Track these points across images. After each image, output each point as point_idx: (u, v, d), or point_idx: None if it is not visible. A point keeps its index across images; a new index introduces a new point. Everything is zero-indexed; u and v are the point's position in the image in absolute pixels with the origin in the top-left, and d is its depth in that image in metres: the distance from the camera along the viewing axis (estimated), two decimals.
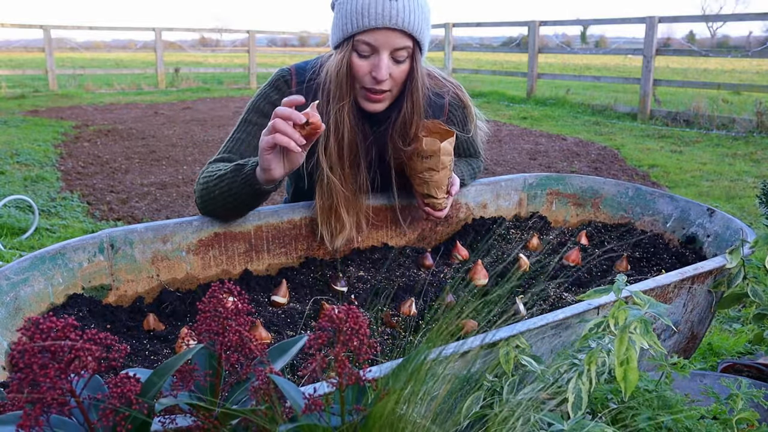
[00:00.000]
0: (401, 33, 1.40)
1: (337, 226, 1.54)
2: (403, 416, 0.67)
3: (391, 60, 1.43)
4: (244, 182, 1.36)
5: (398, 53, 1.43)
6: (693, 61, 26.28)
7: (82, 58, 22.45)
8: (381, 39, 1.40)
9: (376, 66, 1.42)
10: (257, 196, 1.39)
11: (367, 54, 1.42)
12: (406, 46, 1.43)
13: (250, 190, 1.36)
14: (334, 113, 1.47)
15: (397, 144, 1.55)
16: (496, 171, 5.51)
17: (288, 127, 1.23)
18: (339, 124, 1.47)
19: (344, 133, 1.48)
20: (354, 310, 0.67)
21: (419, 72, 1.49)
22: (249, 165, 1.36)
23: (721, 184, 5.05)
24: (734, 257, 1.37)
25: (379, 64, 1.41)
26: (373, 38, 1.40)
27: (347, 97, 1.46)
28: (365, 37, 1.40)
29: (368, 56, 1.43)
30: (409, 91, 1.49)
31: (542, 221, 1.94)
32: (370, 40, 1.40)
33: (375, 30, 1.39)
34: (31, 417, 0.56)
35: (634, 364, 0.92)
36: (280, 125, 1.23)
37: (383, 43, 1.40)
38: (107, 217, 4.07)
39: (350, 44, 1.42)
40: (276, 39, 23.61)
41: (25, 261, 1.21)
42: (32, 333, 0.56)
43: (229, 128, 7.65)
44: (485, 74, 14.10)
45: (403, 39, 1.41)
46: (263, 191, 1.37)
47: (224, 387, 0.71)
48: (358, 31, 1.40)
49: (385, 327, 1.29)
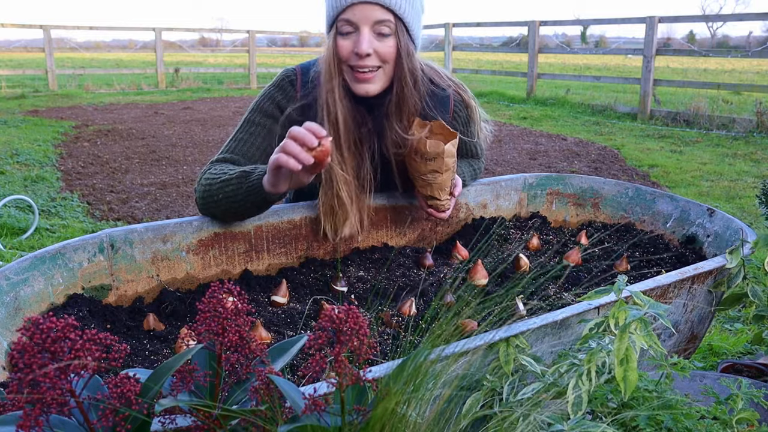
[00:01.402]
0: (379, 6, 1.42)
1: (340, 216, 1.54)
2: (403, 416, 0.67)
3: (373, 35, 1.44)
4: (249, 190, 1.37)
5: (379, 27, 1.44)
6: (693, 61, 26.29)
7: (82, 58, 22.47)
8: (359, 14, 1.42)
9: (357, 41, 1.44)
10: (261, 206, 1.42)
11: (349, 31, 1.44)
12: (386, 19, 1.44)
13: (255, 199, 1.38)
14: (324, 95, 1.48)
15: (394, 127, 1.54)
16: (496, 171, 5.51)
17: (296, 147, 1.24)
18: (330, 105, 1.48)
19: (337, 114, 1.48)
20: (354, 310, 0.67)
21: (407, 50, 1.48)
22: (255, 173, 1.37)
23: (721, 184, 5.05)
24: (734, 257, 1.37)
25: (359, 38, 1.43)
26: (351, 14, 1.42)
27: (336, 77, 1.47)
28: (345, 15, 1.43)
29: (350, 34, 1.45)
30: (399, 68, 1.49)
31: (542, 221, 1.94)
32: (349, 16, 1.42)
33: (353, 6, 1.42)
34: (31, 417, 0.56)
35: (634, 364, 0.92)
36: (290, 146, 1.24)
37: (361, 17, 1.42)
38: (107, 217, 4.07)
39: (334, 27, 1.45)
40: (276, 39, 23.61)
41: (25, 261, 1.21)
42: (32, 333, 0.56)
43: (229, 128, 7.67)
44: (485, 74, 14.10)
45: (382, 12, 1.43)
46: (268, 201, 1.40)
47: (224, 387, 0.71)
48: (338, 12, 1.43)
49: (385, 327, 1.29)
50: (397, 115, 1.54)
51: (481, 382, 1.01)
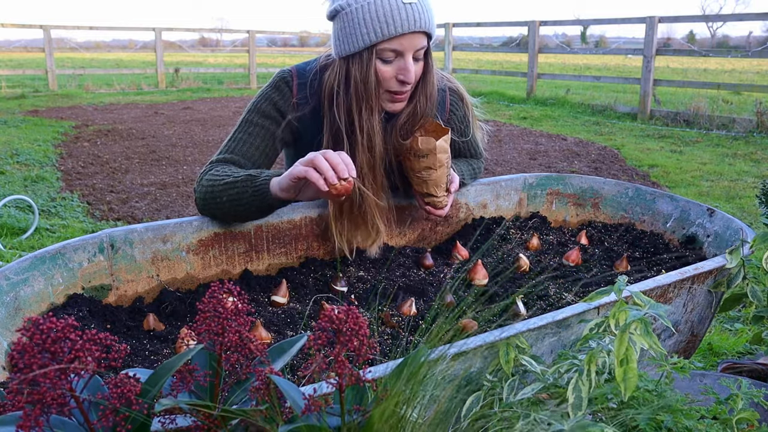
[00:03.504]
0: (421, 34, 1.43)
1: (372, 237, 1.56)
2: (403, 416, 0.67)
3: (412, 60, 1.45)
4: (255, 195, 1.37)
5: (418, 53, 1.45)
6: (693, 61, 26.29)
7: (82, 58, 22.47)
8: (406, 44, 1.41)
9: (404, 69, 1.43)
10: (265, 210, 1.42)
11: (392, 59, 1.44)
12: (425, 45, 1.45)
13: (261, 203, 1.38)
14: (365, 122, 1.46)
15: (397, 137, 1.55)
16: (496, 171, 5.51)
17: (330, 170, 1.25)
18: (371, 134, 1.47)
19: (375, 143, 1.48)
20: (354, 311, 0.67)
21: (433, 66, 1.52)
22: (262, 177, 1.37)
23: (721, 184, 5.05)
24: (734, 257, 1.37)
25: (407, 67, 1.43)
26: (399, 44, 1.41)
27: (374, 101, 1.46)
28: (391, 45, 1.41)
29: (392, 61, 1.44)
30: (423, 85, 1.51)
31: (542, 221, 1.94)
32: (396, 47, 1.41)
33: (401, 36, 1.40)
34: (31, 417, 0.56)
35: (634, 364, 0.92)
36: (322, 165, 1.25)
37: (408, 46, 1.42)
38: (107, 217, 4.07)
39: (373, 53, 1.42)
40: (276, 39, 23.60)
41: (25, 261, 1.21)
42: (32, 333, 0.56)
43: (229, 128, 7.66)
44: (485, 74, 14.10)
45: (423, 39, 1.44)
46: (274, 206, 1.40)
47: (224, 387, 0.71)
48: (383, 39, 1.40)
49: (385, 327, 1.29)
50: (409, 126, 1.55)
51: (481, 382, 1.01)
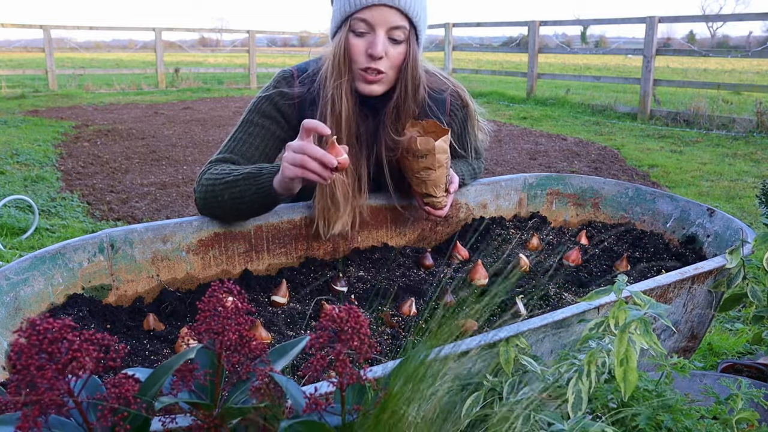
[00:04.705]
0: (397, 11, 1.42)
1: (333, 213, 1.54)
2: (403, 416, 0.67)
3: (387, 40, 1.44)
4: (258, 191, 1.37)
5: (395, 32, 1.44)
6: (693, 61, 26.28)
7: (82, 58, 22.47)
8: (377, 16, 1.41)
9: (372, 42, 1.43)
10: (270, 206, 1.43)
11: (364, 32, 1.44)
12: (402, 25, 1.44)
13: (264, 200, 1.39)
14: (332, 90, 1.47)
15: (389, 132, 1.55)
16: (496, 171, 5.51)
17: (318, 166, 1.25)
18: (336, 100, 1.47)
19: (341, 110, 1.48)
20: (355, 310, 0.67)
21: (414, 57, 1.49)
22: (264, 174, 1.37)
23: (721, 184, 5.05)
24: (734, 257, 1.37)
25: (375, 40, 1.42)
26: (369, 14, 1.41)
27: (345, 75, 1.46)
28: (361, 15, 1.41)
29: (364, 34, 1.44)
30: (404, 75, 1.50)
31: (542, 221, 1.94)
32: (366, 17, 1.41)
33: (371, 7, 1.41)
34: (30, 418, 0.56)
35: (634, 364, 0.92)
36: (311, 165, 1.25)
37: (379, 20, 1.41)
38: (107, 217, 4.07)
39: (347, 25, 1.44)
40: (276, 39, 23.60)
41: (25, 261, 1.21)
42: (29, 334, 0.56)
43: (229, 128, 7.66)
44: (485, 74, 14.09)
45: (400, 18, 1.43)
46: (277, 201, 1.41)
47: (224, 387, 0.71)
48: (354, 10, 1.41)
49: (385, 327, 1.29)
50: (394, 120, 1.54)
51: (481, 382, 1.01)
